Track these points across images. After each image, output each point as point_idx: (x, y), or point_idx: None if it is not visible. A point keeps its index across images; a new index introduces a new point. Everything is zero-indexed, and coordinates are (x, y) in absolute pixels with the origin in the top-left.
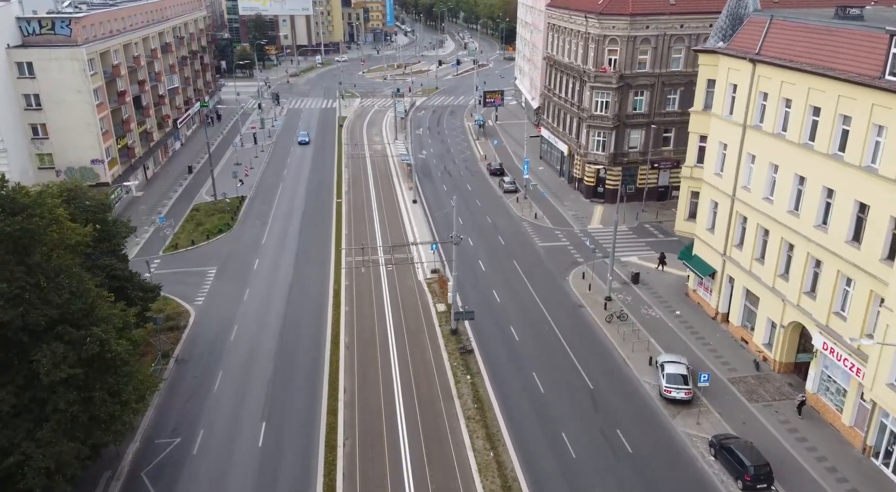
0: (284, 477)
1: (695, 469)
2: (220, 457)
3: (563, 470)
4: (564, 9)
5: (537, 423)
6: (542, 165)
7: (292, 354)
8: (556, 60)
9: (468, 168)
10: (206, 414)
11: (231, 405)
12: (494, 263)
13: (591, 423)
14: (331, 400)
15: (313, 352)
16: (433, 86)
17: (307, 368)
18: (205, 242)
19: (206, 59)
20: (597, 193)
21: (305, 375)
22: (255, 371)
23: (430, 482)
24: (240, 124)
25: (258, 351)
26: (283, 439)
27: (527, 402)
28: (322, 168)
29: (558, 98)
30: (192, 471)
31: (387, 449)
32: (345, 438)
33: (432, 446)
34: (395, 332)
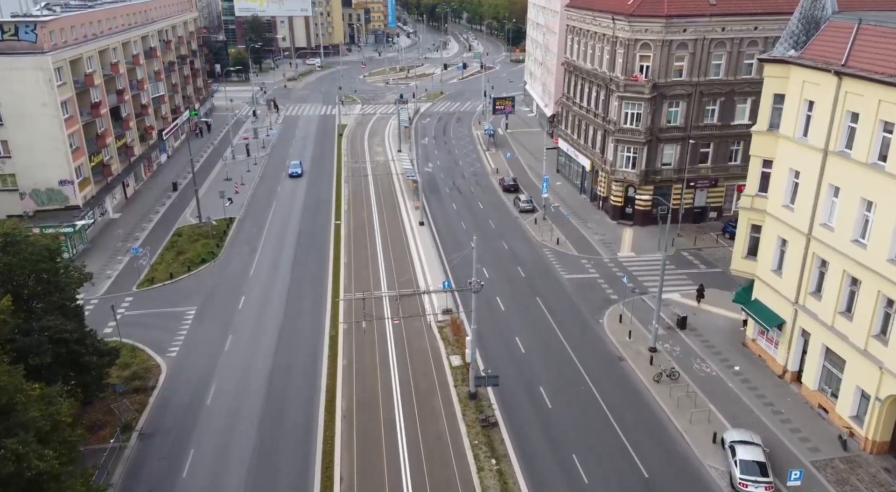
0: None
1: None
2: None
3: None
4: (587, 10)
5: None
6: (559, 180)
7: (279, 425)
8: (577, 66)
9: (479, 183)
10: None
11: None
12: (515, 300)
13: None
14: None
15: (304, 423)
16: (438, 90)
17: (296, 446)
18: (185, 274)
19: (197, 64)
20: (625, 214)
21: (294, 456)
22: (234, 449)
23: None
24: (231, 135)
25: (238, 421)
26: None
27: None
28: (320, 183)
29: (579, 107)
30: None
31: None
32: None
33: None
34: (402, 393)
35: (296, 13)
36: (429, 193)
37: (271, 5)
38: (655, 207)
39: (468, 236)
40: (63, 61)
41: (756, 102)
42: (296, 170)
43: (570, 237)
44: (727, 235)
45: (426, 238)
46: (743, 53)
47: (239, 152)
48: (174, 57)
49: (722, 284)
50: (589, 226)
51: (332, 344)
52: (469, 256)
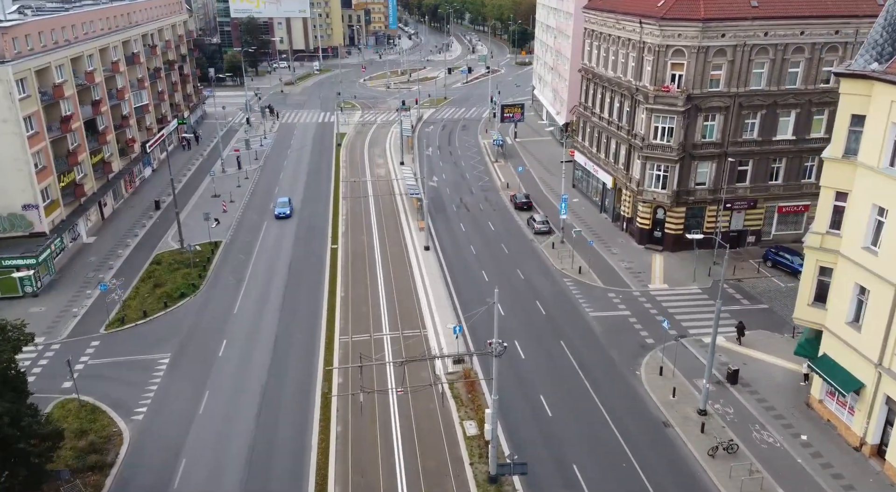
0: None
1: None
2: None
3: None
4: (609, 12)
5: None
6: (576, 196)
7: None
8: (597, 74)
9: (488, 200)
10: None
11: None
12: (536, 345)
13: None
14: None
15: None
16: (441, 95)
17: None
18: (161, 311)
19: (187, 69)
20: (653, 238)
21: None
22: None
23: None
24: (220, 147)
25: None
26: None
27: None
28: (316, 200)
29: (599, 118)
30: None
31: None
32: None
33: None
34: (407, 475)
35: (294, 14)
36: (434, 211)
37: (268, 6)
38: (688, 230)
39: (479, 263)
40: (27, 71)
41: (801, 116)
42: (283, 210)
43: (594, 265)
44: (769, 262)
45: (432, 266)
46: (787, 61)
47: (229, 165)
48: (161, 62)
49: (769, 324)
50: (613, 251)
51: (323, 406)
52: (484, 293)
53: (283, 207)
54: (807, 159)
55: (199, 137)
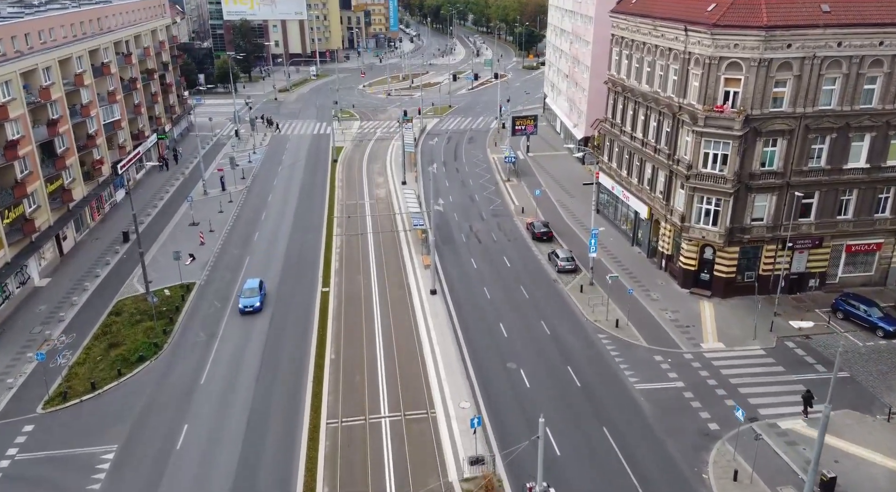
0: None
1: None
2: None
3: None
4: (645, 17)
5: None
6: (601, 224)
7: None
8: (628, 87)
9: (502, 228)
10: None
11: None
12: (572, 430)
13: None
14: None
15: None
16: (445, 103)
17: None
18: (114, 382)
19: (170, 78)
20: (699, 281)
21: None
22: None
23: None
24: (202, 167)
25: None
26: None
27: None
28: (308, 229)
29: (630, 138)
30: None
31: None
32: None
33: None
34: None
35: (289, 17)
36: (441, 242)
37: (262, 8)
38: (740, 273)
39: (495, 312)
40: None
41: (876, 140)
42: (251, 301)
43: (633, 315)
44: (839, 313)
45: (440, 316)
46: (863, 76)
47: (212, 186)
48: (137, 72)
49: (856, 400)
50: (653, 297)
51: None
52: (503, 354)
53: (251, 296)
54: (882, 190)
55: (178, 155)
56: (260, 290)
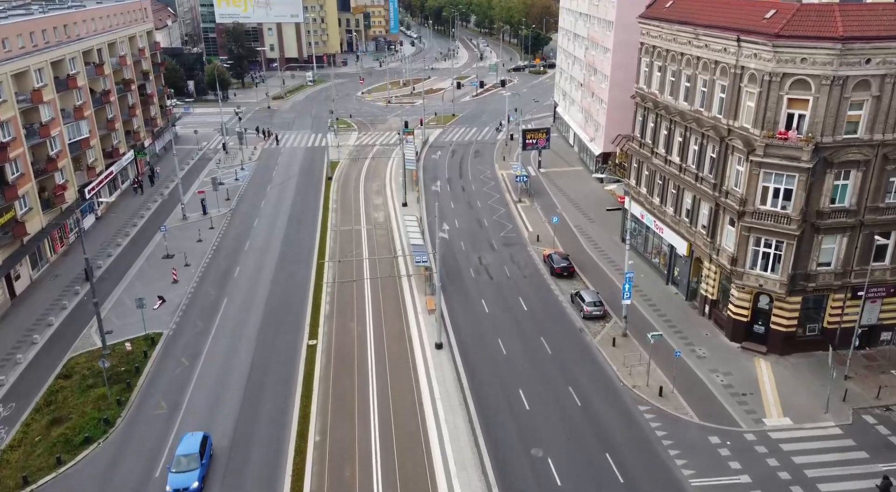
0: None
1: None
2: None
3: None
4: (683, 24)
5: None
6: (630, 256)
7: None
8: (661, 103)
9: (515, 260)
10: None
11: None
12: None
13: None
14: None
15: None
16: (449, 112)
17: None
18: (51, 474)
19: (152, 88)
20: (752, 334)
21: None
22: None
23: None
24: (180, 191)
25: None
26: None
27: None
28: (296, 261)
29: (664, 161)
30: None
31: None
32: None
33: None
34: None
35: (285, 20)
36: (447, 279)
37: (257, 11)
38: (802, 325)
39: (513, 374)
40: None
41: None
42: (184, 482)
43: (679, 382)
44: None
45: (448, 381)
46: None
47: (193, 209)
48: (111, 83)
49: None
50: (699, 352)
51: None
52: (526, 436)
53: (187, 467)
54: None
55: (156, 175)
56: (202, 455)
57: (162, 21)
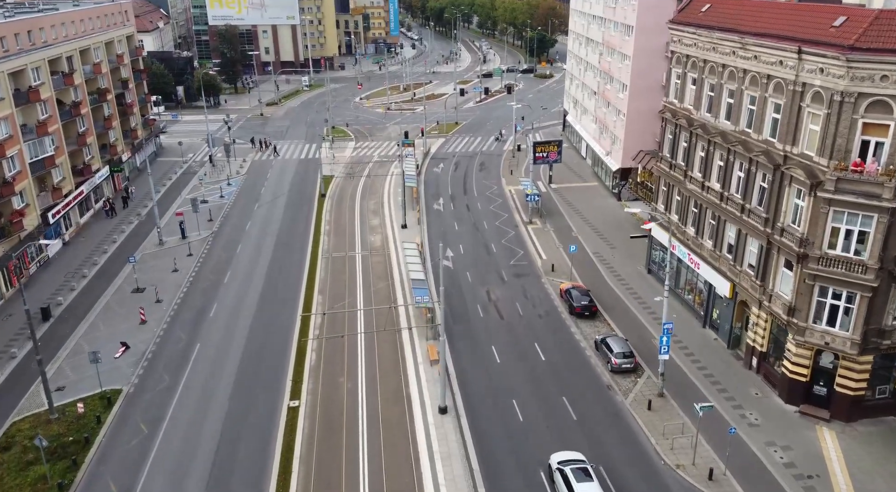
0: None
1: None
2: None
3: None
4: (727, 31)
5: None
6: (656, 290)
7: None
8: (695, 121)
9: (528, 294)
10: None
11: None
12: None
13: None
14: None
15: None
16: (451, 120)
17: None
18: None
19: (133, 97)
20: (812, 396)
21: None
22: None
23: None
24: (156, 214)
25: None
26: None
27: None
28: (282, 298)
29: (701, 187)
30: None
31: None
32: None
33: None
34: None
35: (280, 22)
36: (452, 319)
37: (251, 13)
38: (872, 388)
39: (533, 446)
40: None
41: None
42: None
43: (732, 459)
44: None
45: (454, 457)
46: None
47: (171, 232)
48: (84, 94)
49: None
50: (751, 420)
51: None
52: None
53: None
54: None
55: (130, 196)
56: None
57: (153, 23)
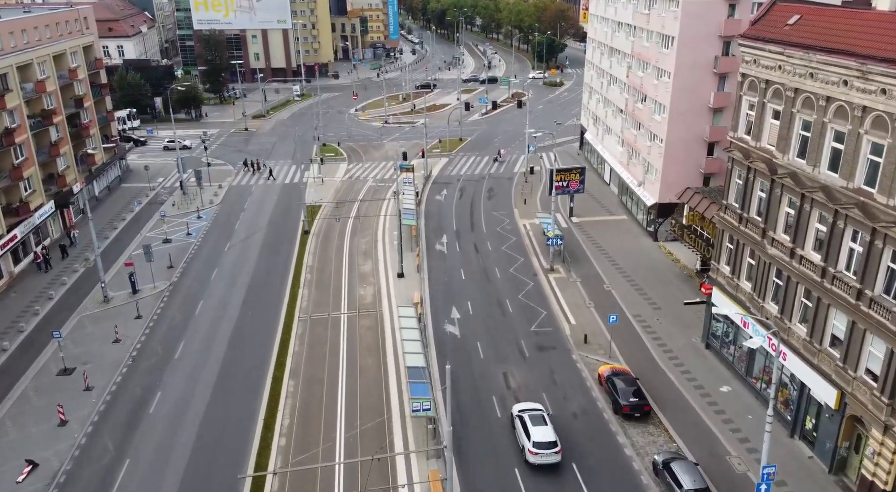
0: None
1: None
2: None
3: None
4: (837, 54)
5: None
6: (719, 372)
7: None
8: (783, 167)
9: (558, 381)
10: None
11: None
12: None
13: None
14: None
15: None
16: (456, 135)
17: None
18: None
19: (91, 115)
20: None
21: None
22: None
23: None
24: (99, 266)
25: None
26: None
27: None
28: (244, 380)
29: (790, 254)
30: None
31: None
32: None
33: None
34: None
35: (271, 26)
36: (461, 424)
37: (239, 16)
38: None
39: None
40: None
41: None
42: None
43: None
44: None
45: None
46: None
47: (119, 286)
48: (21, 117)
49: None
50: None
51: None
52: None
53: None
54: None
55: (74, 241)
56: None
57: (135, 27)
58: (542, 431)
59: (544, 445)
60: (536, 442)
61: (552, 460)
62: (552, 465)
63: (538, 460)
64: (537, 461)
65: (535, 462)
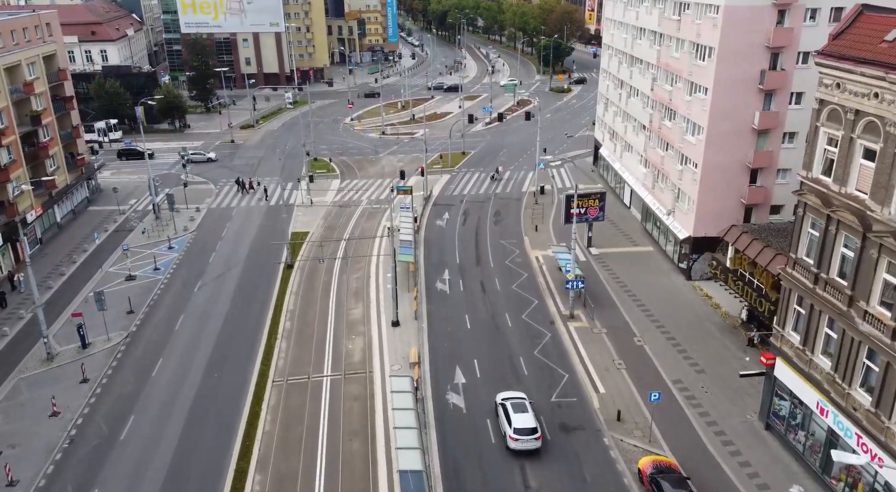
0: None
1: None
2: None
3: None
4: None
5: None
6: (787, 470)
7: None
8: (883, 224)
9: (587, 477)
10: None
11: None
12: None
13: None
14: None
15: None
16: (458, 149)
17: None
18: None
19: (50, 134)
20: None
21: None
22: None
23: None
24: (41, 320)
25: None
26: None
27: None
28: (202, 466)
29: (892, 336)
30: None
31: None
32: None
33: None
34: None
35: (263, 29)
36: None
37: (230, 19)
38: None
39: None
40: None
41: None
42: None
43: None
44: None
45: None
46: None
47: (67, 340)
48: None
49: None
50: None
51: None
52: None
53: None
54: None
55: (18, 285)
56: None
57: (120, 31)
58: (522, 417)
59: (525, 431)
60: (517, 428)
61: (532, 446)
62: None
63: (519, 446)
64: (518, 447)
65: (515, 448)
